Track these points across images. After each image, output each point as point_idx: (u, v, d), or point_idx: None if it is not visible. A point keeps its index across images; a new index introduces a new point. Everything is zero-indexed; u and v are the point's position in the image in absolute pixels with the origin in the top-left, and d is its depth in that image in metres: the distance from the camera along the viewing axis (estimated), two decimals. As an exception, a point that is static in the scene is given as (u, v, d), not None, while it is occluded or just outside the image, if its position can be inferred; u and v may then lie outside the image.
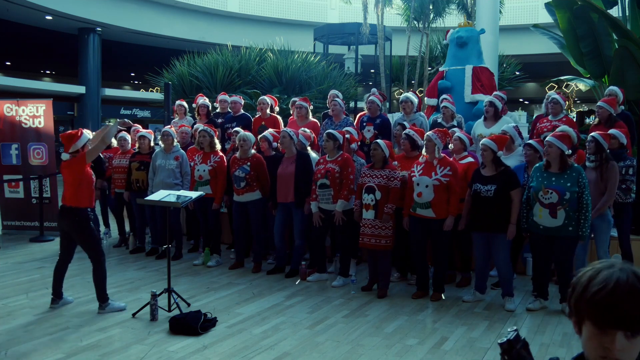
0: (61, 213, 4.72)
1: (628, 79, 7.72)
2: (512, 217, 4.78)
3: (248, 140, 6.14)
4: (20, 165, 8.35)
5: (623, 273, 1.11)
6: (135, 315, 4.61)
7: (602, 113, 5.91)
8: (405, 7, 15.67)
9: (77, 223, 4.63)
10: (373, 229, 5.15)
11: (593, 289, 1.11)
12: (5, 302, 5.00)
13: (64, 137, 4.69)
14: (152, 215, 6.86)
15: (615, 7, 9.44)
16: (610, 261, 1.17)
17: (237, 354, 3.84)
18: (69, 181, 4.64)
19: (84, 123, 19.11)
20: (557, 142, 4.64)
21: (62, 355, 3.80)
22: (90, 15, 18.30)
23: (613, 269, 1.13)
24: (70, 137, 4.68)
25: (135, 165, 6.86)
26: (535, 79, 22.86)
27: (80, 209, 4.62)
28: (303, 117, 6.98)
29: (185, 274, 6.08)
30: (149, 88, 23.00)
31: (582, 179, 4.59)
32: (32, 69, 25.85)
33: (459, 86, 7.71)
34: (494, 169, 4.88)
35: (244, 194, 6.10)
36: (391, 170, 5.21)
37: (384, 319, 4.61)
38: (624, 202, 5.39)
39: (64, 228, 4.74)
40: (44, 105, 8.38)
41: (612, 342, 1.10)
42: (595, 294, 1.10)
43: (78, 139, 4.67)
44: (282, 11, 21.64)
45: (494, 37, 10.33)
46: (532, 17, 18.67)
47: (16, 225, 8.43)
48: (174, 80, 11.97)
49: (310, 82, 11.84)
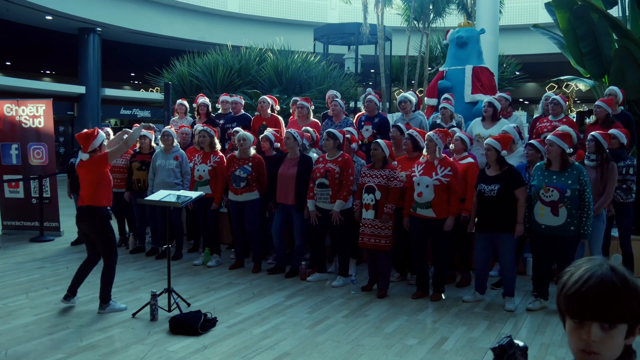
0: (80, 214, 4.75)
1: (628, 79, 7.72)
2: (518, 216, 4.77)
3: (247, 139, 6.13)
4: (20, 165, 8.35)
5: (600, 267, 1.15)
6: (135, 315, 4.61)
7: (600, 112, 5.91)
8: (405, 7, 15.68)
9: (96, 222, 4.66)
10: (373, 228, 5.15)
11: (569, 284, 1.16)
12: (5, 302, 5.00)
13: (81, 137, 4.69)
14: (153, 215, 6.86)
15: (615, 7, 9.44)
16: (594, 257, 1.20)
17: (237, 354, 3.84)
18: (88, 181, 4.65)
19: (84, 123, 19.11)
20: (558, 141, 4.64)
21: (62, 355, 3.80)
22: (90, 15, 18.29)
23: (592, 264, 1.17)
24: (87, 136, 4.67)
25: (136, 165, 6.86)
26: (535, 79, 22.86)
27: (99, 208, 4.65)
28: (304, 117, 6.97)
29: (185, 274, 6.08)
30: (149, 88, 23.00)
31: (583, 176, 4.60)
32: (32, 69, 25.84)
33: (459, 86, 7.72)
34: (498, 168, 4.88)
35: (243, 193, 6.09)
36: (391, 170, 5.21)
37: (384, 319, 4.61)
38: (624, 202, 5.39)
39: (84, 230, 4.78)
40: (44, 105, 8.39)
41: (588, 333, 1.13)
42: (570, 288, 1.15)
43: (95, 138, 4.67)
44: (282, 11, 21.63)
45: (494, 37, 10.33)
46: (532, 17, 18.67)
47: (16, 225, 8.43)
48: (174, 80, 11.97)
49: (310, 82, 11.84)
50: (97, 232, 4.71)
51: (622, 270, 1.16)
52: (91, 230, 4.71)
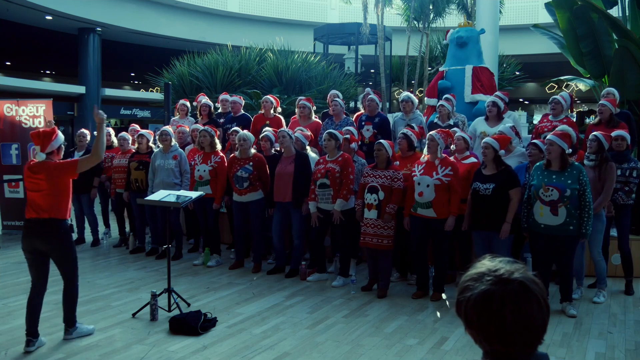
0: (32, 228, 3.92)
1: (628, 79, 7.72)
2: (507, 216, 4.78)
3: (248, 139, 6.14)
4: (20, 165, 8.34)
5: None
6: (135, 315, 4.61)
7: (605, 112, 5.89)
8: (405, 7, 15.68)
9: (57, 237, 3.94)
10: (375, 228, 5.15)
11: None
12: (5, 302, 5.00)
13: (38, 134, 3.98)
14: (152, 215, 6.86)
15: (615, 7, 9.44)
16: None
17: (237, 354, 3.84)
18: (48, 189, 3.90)
19: (84, 123, 19.10)
20: (558, 141, 4.64)
21: (62, 355, 3.80)
22: (90, 15, 18.29)
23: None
24: (47, 135, 3.99)
25: (134, 164, 6.86)
26: (535, 79, 22.85)
27: (61, 221, 3.96)
28: (306, 117, 6.98)
29: (185, 274, 6.08)
30: (149, 88, 23.00)
31: (582, 176, 4.59)
32: (32, 69, 25.85)
33: (459, 86, 7.71)
34: (494, 167, 4.89)
35: (247, 194, 6.09)
36: (395, 170, 5.22)
37: (384, 319, 4.61)
38: (625, 204, 5.37)
39: (38, 247, 3.93)
40: (44, 105, 8.39)
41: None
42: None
43: (56, 137, 4.02)
44: (282, 11, 21.63)
45: (494, 37, 10.33)
46: (532, 17, 18.66)
47: (16, 226, 8.43)
48: (174, 80, 11.96)
49: (310, 82, 11.83)
50: (59, 249, 3.97)
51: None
52: (52, 247, 3.95)
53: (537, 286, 1.16)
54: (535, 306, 1.14)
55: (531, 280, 1.16)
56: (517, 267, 1.18)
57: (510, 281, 1.15)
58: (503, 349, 1.16)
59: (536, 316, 1.14)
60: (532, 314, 1.14)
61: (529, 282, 1.15)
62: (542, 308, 1.15)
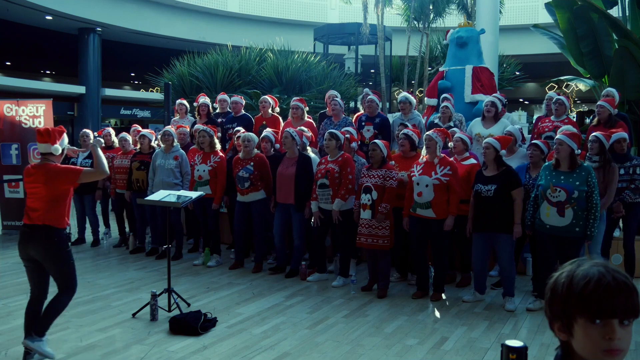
0: (26, 234, 3.73)
1: (628, 79, 7.73)
2: (516, 217, 4.76)
3: (252, 141, 6.15)
4: (20, 165, 8.34)
5: (598, 267, 1.15)
6: (135, 316, 4.61)
7: (603, 113, 5.89)
8: (405, 7, 15.69)
9: (50, 246, 3.70)
10: (370, 228, 5.15)
11: (579, 286, 1.13)
12: (5, 302, 5.00)
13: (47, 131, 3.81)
14: (153, 215, 6.86)
15: (615, 7, 9.45)
16: (576, 261, 1.20)
17: (237, 354, 3.84)
18: (45, 194, 3.70)
19: (84, 123, 19.13)
20: (568, 140, 4.57)
21: (62, 355, 3.80)
22: (90, 15, 18.31)
23: (584, 267, 1.16)
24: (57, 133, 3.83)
25: (135, 164, 6.87)
26: (535, 79, 22.88)
27: (58, 230, 3.73)
28: (299, 117, 6.97)
29: (185, 274, 6.08)
30: (149, 88, 23.01)
31: (591, 178, 4.53)
32: (32, 69, 25.87)
33: (459, 86, 7.71)
34: (495, 168, 4.88)
35: (249, 194, 6.09)
36: (388, 170, 5.21)
37: (384, 319, 4.61)
38: (632, 202, 5.35)
39: (33, 255, 3.74)
40: (44, 105, 8.39)
41: (613, 332, 1.12)
42: (584, 287, 1.13)
43: (62, 137, 3.87)
44: (282, 11, 21.65)
45: (494, 37, 10.34)
46: (532, 17, 18.69)
47: (16, 226, 8.42)
48: (174, 80, 11.96)
49: (310, 82, 11.83)
50: (51, 260, 3.73)
51: (617, 268, 1.17)
52: (46, 256, 3.72)
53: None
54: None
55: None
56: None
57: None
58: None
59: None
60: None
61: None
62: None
